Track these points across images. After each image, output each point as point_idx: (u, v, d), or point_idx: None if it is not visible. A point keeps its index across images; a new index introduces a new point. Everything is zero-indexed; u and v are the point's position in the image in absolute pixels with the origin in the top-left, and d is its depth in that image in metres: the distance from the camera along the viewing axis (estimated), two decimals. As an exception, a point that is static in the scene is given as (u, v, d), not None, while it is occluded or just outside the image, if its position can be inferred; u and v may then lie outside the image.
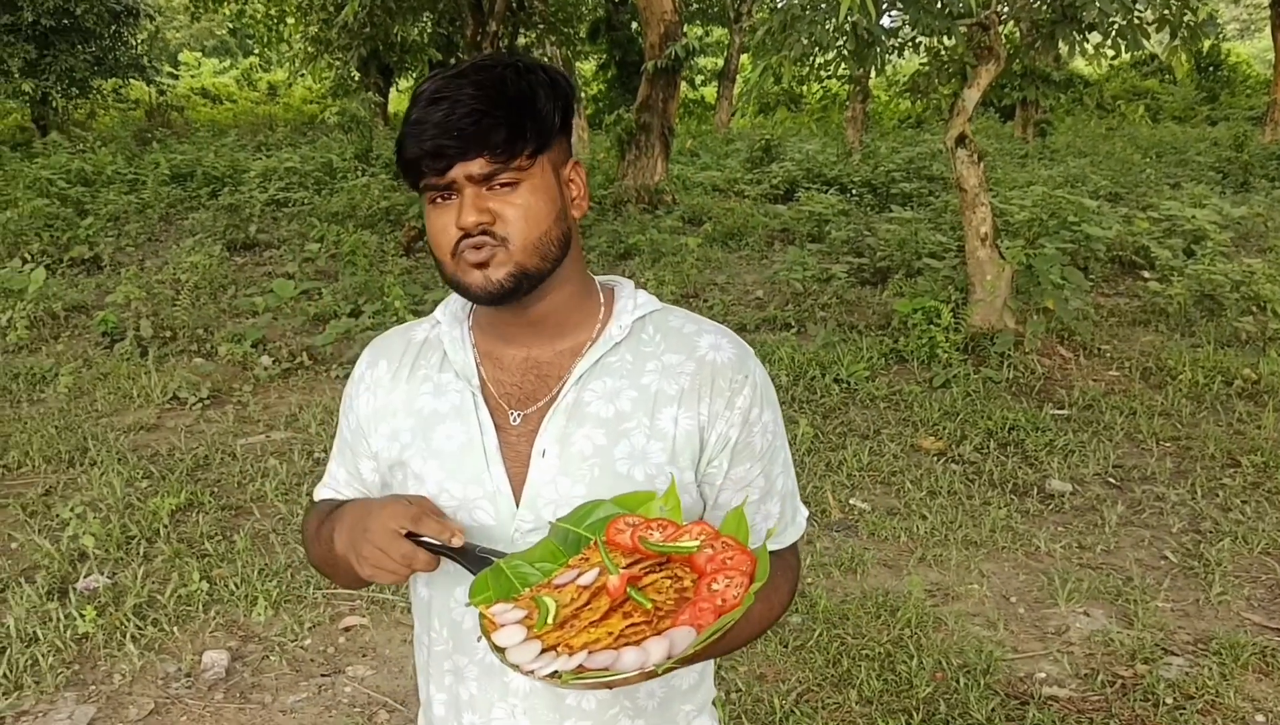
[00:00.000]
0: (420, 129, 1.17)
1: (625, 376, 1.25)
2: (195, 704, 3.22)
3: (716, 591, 1.02)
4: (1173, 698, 3.20)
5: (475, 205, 1.17)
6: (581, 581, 1.09)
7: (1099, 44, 6.90)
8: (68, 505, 4.34)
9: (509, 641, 1.03)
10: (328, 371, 6.35)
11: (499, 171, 1.17)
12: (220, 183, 12.73)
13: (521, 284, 1.20)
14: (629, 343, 1.27)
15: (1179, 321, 7.37)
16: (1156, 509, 4.56)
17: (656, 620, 1.02)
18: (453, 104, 1.16)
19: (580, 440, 1.22)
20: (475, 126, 1.15)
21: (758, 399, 1.26)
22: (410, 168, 1.20)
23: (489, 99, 1.16)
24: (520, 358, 1.29)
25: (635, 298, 1.31)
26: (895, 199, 12.08)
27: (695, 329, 1.29)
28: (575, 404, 1.24)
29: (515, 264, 1.19)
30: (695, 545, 1.08)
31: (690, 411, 1.24)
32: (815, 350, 6.56)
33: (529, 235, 1.19)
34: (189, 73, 30.84)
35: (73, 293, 7.90)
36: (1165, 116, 23.99)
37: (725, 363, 1.26)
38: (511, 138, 1.16)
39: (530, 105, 1.18)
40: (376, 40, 12.61)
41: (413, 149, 1.17)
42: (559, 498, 1.21)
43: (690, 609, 1.01)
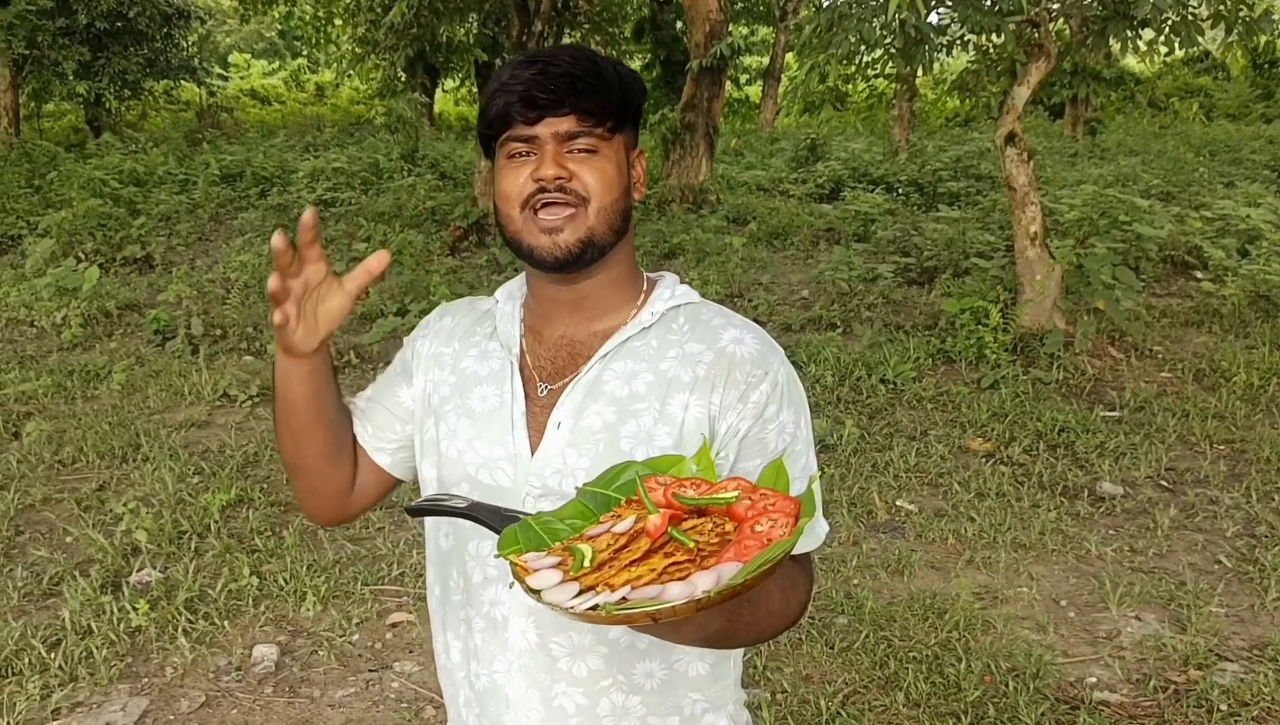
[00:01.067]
0: (514, 82, 1.23)
1: (646, 360, 1.29)
2: (245, 697, 3.26)
3: (761, 532, 0.99)
4: (1227, 704, 3.14)
5: (556, 160, 1.23)
6: (617, 529, 1.05)
7: (1152, 40, 6.79)
8: (121, 500, 4.42)
9: (545, 583, 0.99)
10: (374, 369, 6.41)
11: (583, 134, 1.23)
12: (269, 183, 12.89)
13: (587, 251, 1.26)
14: (657, 329, 1.32)
15: (1233, 322, 7.24)
16: (1210, 512, 4.48)
17: (700, 559, 0.98)
18: (548, 63, 1.23)
19: (592, 416, 1.27)
20: (570, 85, 1.22)
21: (776, 397, 1.26)
22: (498, 119, 1.25)
23: (584, 67, 1.24)
24: (558, 335, 1.34)
25: (674, 288, 1.36)
26: (942, 198, 11.97)
27: (723, 322, 1.32)
28: (595, 381, 1.28)
29: (588, 229, 1.24)
30: (733, 496, 1.05)
31: (702, 400, 1.25)
32: (861, 350, 6.52)
33: (604, 198, 1.25)
34: (238, 74, 31.26)
35: (125, 291, 8.03)
36: (1219, 114, 23.55)
37: (745, 356, 1.27)
38: (601, 105, 1.23)
39: (618, 84, 1.26)
40: (423, 41, 12.71)
41: (505, 97, 1.23)
42: (564, 468, 1.26)
43: (735, 547, 0.98)
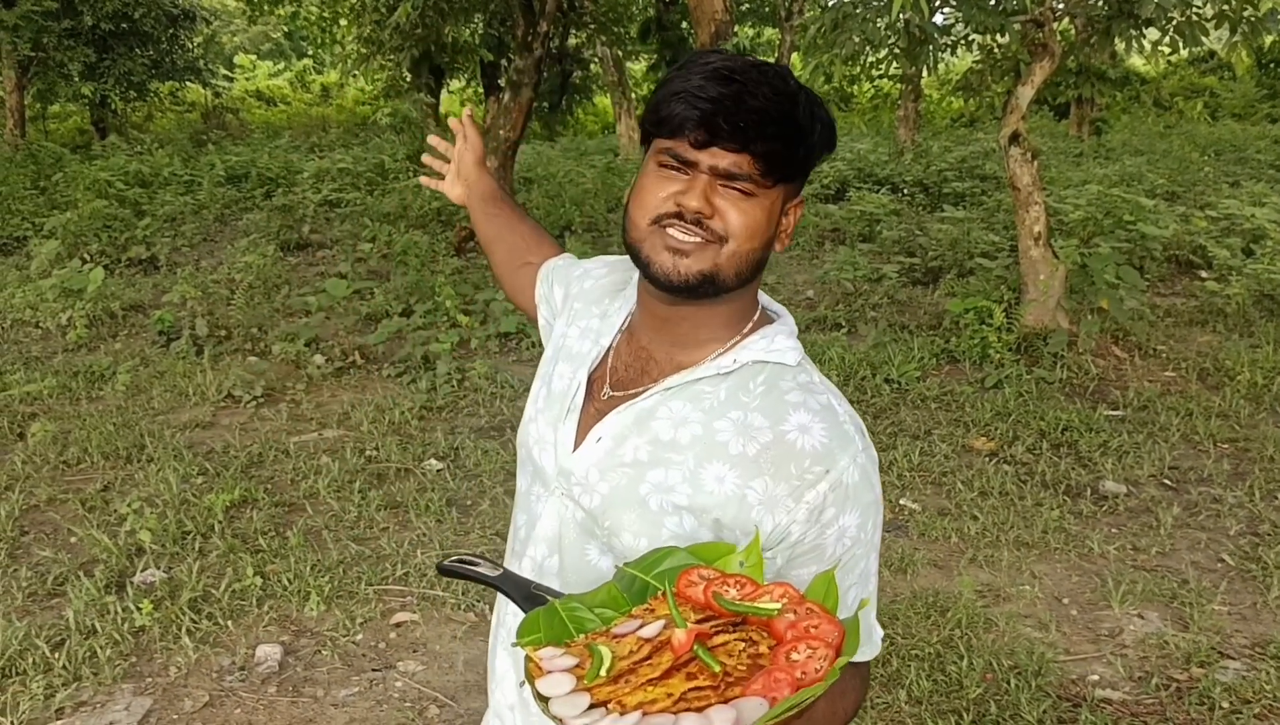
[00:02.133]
0: (702, 96, 1.11)
1: (705, 411, 1.19)
2: (249, 696, 3.27)
3: (796, 662, 0.91)
4: (1229, 702, 3.14)
5: (705, 194, 1.14)
6: (644, 633, 0.98)
7: (1156, 41, 6.78)
8: (125, 501, 4.43)
9: (554, 691, 0.93)
10: (379, 370, 6.42)
11: (744, 178, 1.14)
12: (274, 184, 12.91)
13: (705, 287, 1.17)
14: (732, 381, 1.21)
15: (1237, 322, 7.23)
16: (1213, 511, 4.48)
17: (724, 687, 0.91)
18: (744, 90, 1.11)
19: (629, 447, 1.21)
20: (757, 125, 1.11)
21: (838, 499, 1.13)
22: (664, 124, 1.15)
23: (779, 108, 1.12)
24: (641, 344, 1.28)
25: (774, 340, 1.24)
26: (947, 198, 11.97)
27: (799, 400, 1.18)
28: (647, 412, 1.22)
29: (714, 265, 1.16)
30: (776, 608, 0.97)
31: (740, 479, 1.15)
32: (866, 350, 6.52)
33: (742, 245, 1.16)
34: (244, 75, 31.31)
35: (130, 292, 8.05)
36: (1224, 114, 23.50)
37: (806, 449, 1.14)
38: (777, 157, 1.13)
39: (807, 136, 1.15)
40: (428, 41, 12.71)
41: (683, 108, 1.12)
42: (586, 483, 1.23)
43: (764, 677, 0.90)
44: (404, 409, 5.66)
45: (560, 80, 20.55)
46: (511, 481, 4.79)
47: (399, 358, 6.52)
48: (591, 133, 22.93)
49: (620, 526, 1.19)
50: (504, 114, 10.13)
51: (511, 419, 5.58)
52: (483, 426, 5.52)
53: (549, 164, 14.77)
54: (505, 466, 4.94)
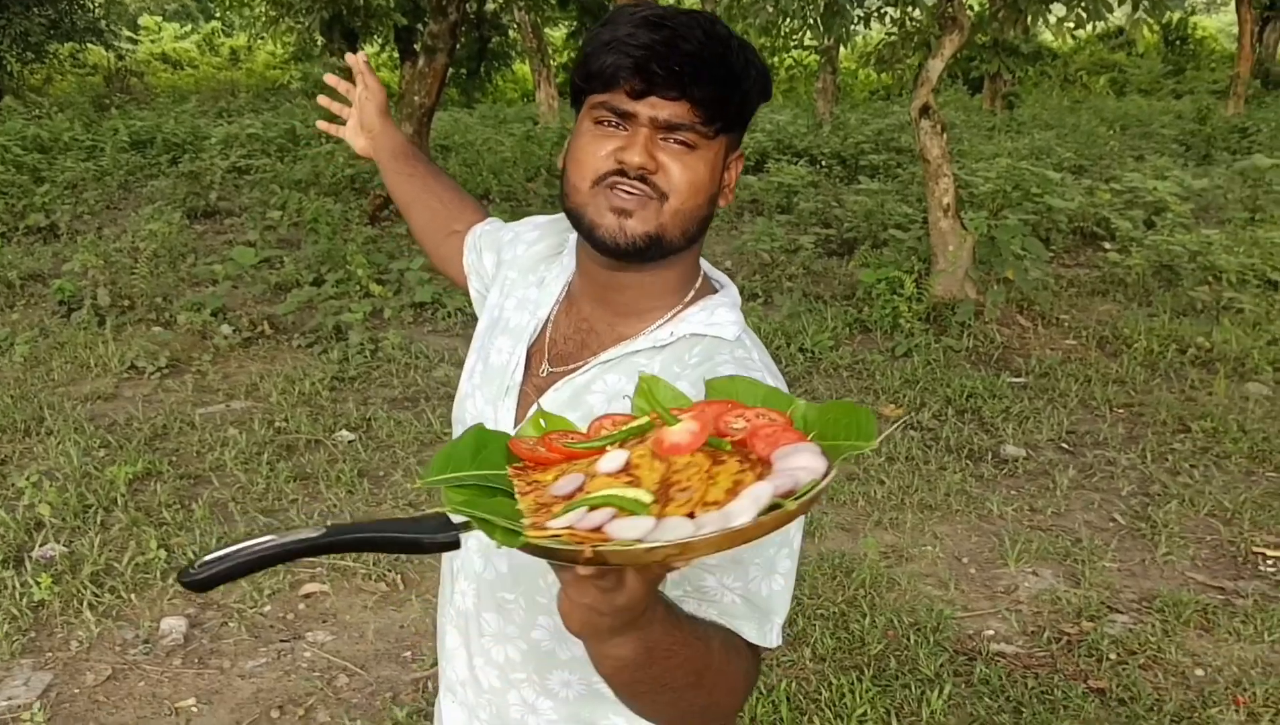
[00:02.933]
0: (630, 42, 1.07)
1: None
2: (153, 669, 3.23)
3: (747, 428, 0.81)
4: (1116, 653, 3.28)
5: (648, 148, 1.10)
6: (605, 469, 0.82)
7: (1063, 16, 6.93)
8: (24, 474, 4.32)
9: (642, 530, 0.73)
10: (289, 341, 6.32)
11: (686, 127, 1.10)
12: (181, 150, 12.56)
13: (651, 250, 1.14)
14: (668, 354, 1.18)
15: (1137, 291, 7.47)
16: (1107, 473, 4.65)
17: (753, 462, 0.79)
18: (677, 35, 1.07)
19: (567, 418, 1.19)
20: (693, 69, 1.07)
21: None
22: (599, 78, 1.10)
23: (713, 50, 1.08)
24: (582, 316, 1.25)
25: (714, 312, 1.20)
26: (864, 170, 12.11)
27: (729, 372, 1.11)
28: (583, 386, 1.19)
29: (659, 225, 1.12)
30: (645, 422, 0.87)
31: None
32: (781, 320, 6.60)
33: (686, 201, 1.12)
34: (149, 37, 30.31)
35: (29, 261, 7.79)
36: (1132, 89, 24.13)
37: None
38: (720, 101, 1.10)
39: (742, 81, 1.11)
40: (340, 3, 12.43)
41: (615, 57, 1.08)
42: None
43: (755, 440, 0.80)
44: (315, 380, 5.58)
45: (478, 46, 20.29)
46: (425, 452, 4.76)
47: (309, 328, 6.42)
48: (510, 100, 22.71)
49: None
50: (419, 79, 9.97)
51: (425, 389, 5.55)
52: (396, 397, 5.48)
53: (466, 131, 14.60)
54: (418, 437, 4.91)
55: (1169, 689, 3.14)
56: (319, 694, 3.13)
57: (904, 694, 3.09)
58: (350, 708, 3.08)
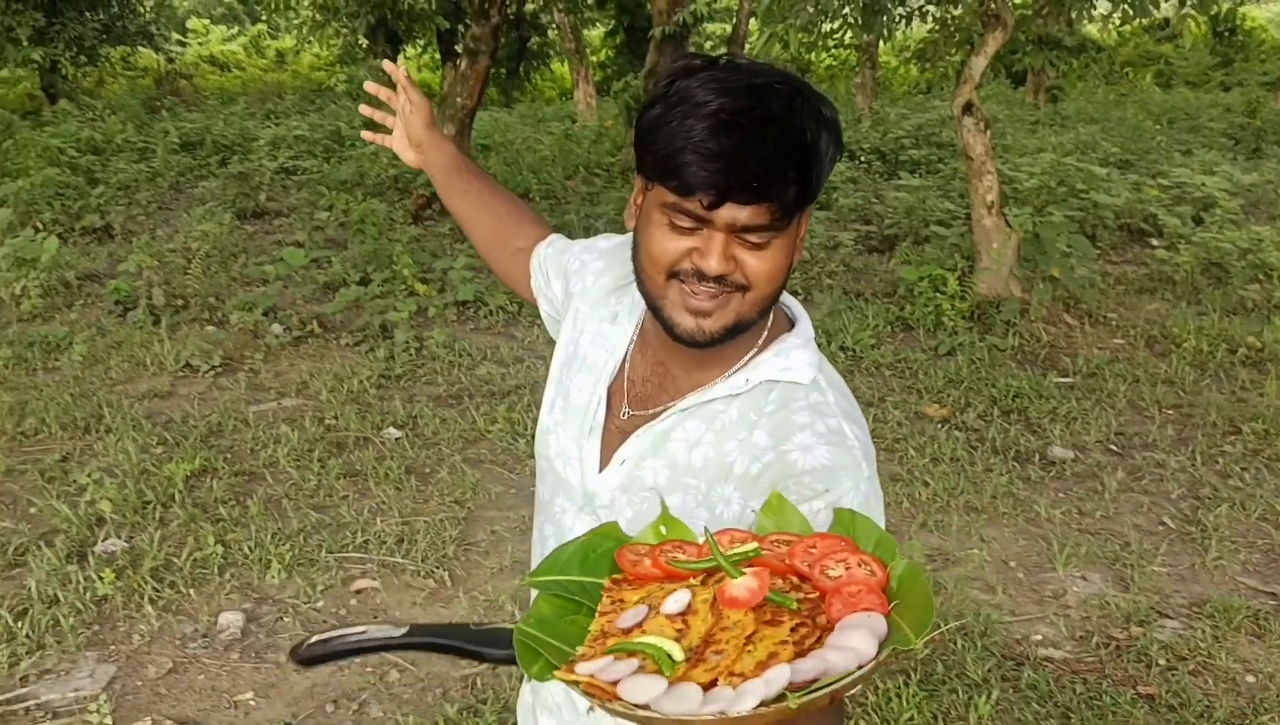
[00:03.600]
0: (706, 152, 1.03)
1: (717, 432, 1.17)
2: (212, 663, 3.31)
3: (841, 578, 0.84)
4: (1166, 659, 3.27)
5: (726, 252, 1.07)
6: (667, 609, 0.87)
7: (1108, 13, 6.87)
8: (85, 471, 4.43)
9: (650, 694, 0.78)
10: (337, 339, 6.42)
11: (764, 228, 1.07)
12: (230, 151, 12.75)
13: (730, 337, 1.13)
14: (744, 401, 1.18)
15: (1185, 289, 7.39)
16: (1156, 475, 4.62)
17: (811, 621, 0.83)
18: (750, 139, 1.03)
19: (649, 469, 1.20)
20: (770, 175, 1.04)
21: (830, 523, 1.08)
22: (669, 175, 1.06)
23: (791, 149, 1.04)
24: (657, 360, 1.24)
25: (789, 356, 1.19)
26: (904, 166, 12.05)
27: (806, 422, 1.14)
28: (664, 434, 1.20)
29: (738, 316, 1.11)
30: (754, 546, 0.91)
31: (743, 499, 1.14)
32: (821, 318, 6.60)
33: (765, 290, 1.11)
34: (197, 40, 30.73)
35: (85, 261, 7.96)
36: (1179, 82, 23.77)
37: (806, 467, 1.10)
38: (798, 199, 1.07)
39: (820, 160, 1.07)
40: (384, 7, 12.56)
41: (691, 168, 1.03)
42: (612, 505, 1.23)
43: (836, 598, 0.82)
44: (362, 378, 5.67)
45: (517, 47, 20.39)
46: (470, 449, 4.83)
47: (357, 326, 6.52)
48: (549, 99, 22.79)
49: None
50: (461, 81, 10.06)
51: (469, 387, 5.61)
52: (440, 395, 5.55)
53: (506, 131, 14.68)
54: (463, 434, 4.98)
55: (1219, 696, 3.13)
56: (372, 689, 3.20)
57: (951, 699, 3.10)
58: (402, 703, 3.14)
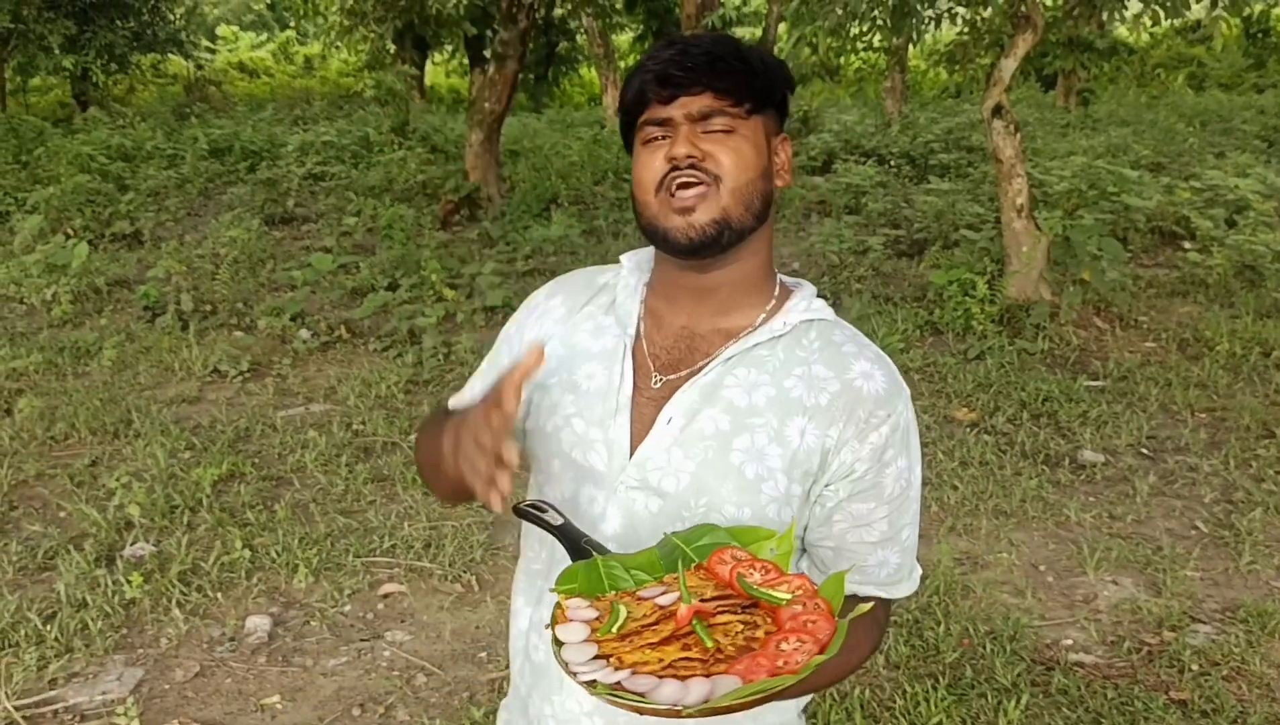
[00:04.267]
0: (651, 61, 1.22)
1: (770, 373, 1.24)
2: (239, 666, 3.32)
3: (783, 652, 0.98)
4: (1198, 664, 3.22)
5: (689, 139, 1.20)
6: (661, 600, 1.07)
7: (1138, 13, 6.80)
8: (114, 475, 4.46)
9: (569, 638, 1.03)
10: (365, 344, 6.45)
11: (718, 113, 1.20)
12: (258, 157, 12.86)
13: (723, 234, 1.21)
14: (787, 341, 1.26)
15: (1218, 292, 7.29)
16: (1189, 479, 4.55)
17: (712, 662, 0.98)
18: (687, 45, 1.22)
19: (706, 419, 1.23)
20: (708, 64, 1.19)
21: (896, 441, 1.23)
22: (634, 100, 1.23)
23: (725, 49, 1.22)
24: (679, 325, 1.29)
25: (810, 301, 1.30)
26: (934, 170, 11.99)
27: (855, 351, 1.26)
28: (714, 383, 1.24)
29: (721, 209, 1.20)
30: (787, 598, 1.04)
31: (819, 429, 1.22)
32: (850, 322, 6.52)
33: (739, 177, 1.20)
34: (226, 47, 31.05)
35: (115, 267, 8.04)
36: (1211, 84, 23.53)
37: (871, 394, 1.22)
38: (739, 85, 1.20)
39: (757, 65, 1.23)
40: (411, 13, 12.64)
41: (640, 77, 1.22)
42: (668, 466, 1.23)
43: (749, 660, 0.97)
44: (390, 383, 5.69)
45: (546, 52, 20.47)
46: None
47: (385, 332, 6.54)
48: (578, 104, 22.84)
49: (720, 500, 1.21)
50: (489, 86, 10.10)
51: (497, 392, 5.61)
52: (469, 400, 5.55)
53: (535, 136, 14.74)
54: (491, 439, 4.97)
55: (1253, 701, 3.07)
56: (398, 693, 3.20)
57: (980, 703, 3.07)
58: (429, 707, 3.14)
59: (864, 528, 1.25)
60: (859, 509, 1.24)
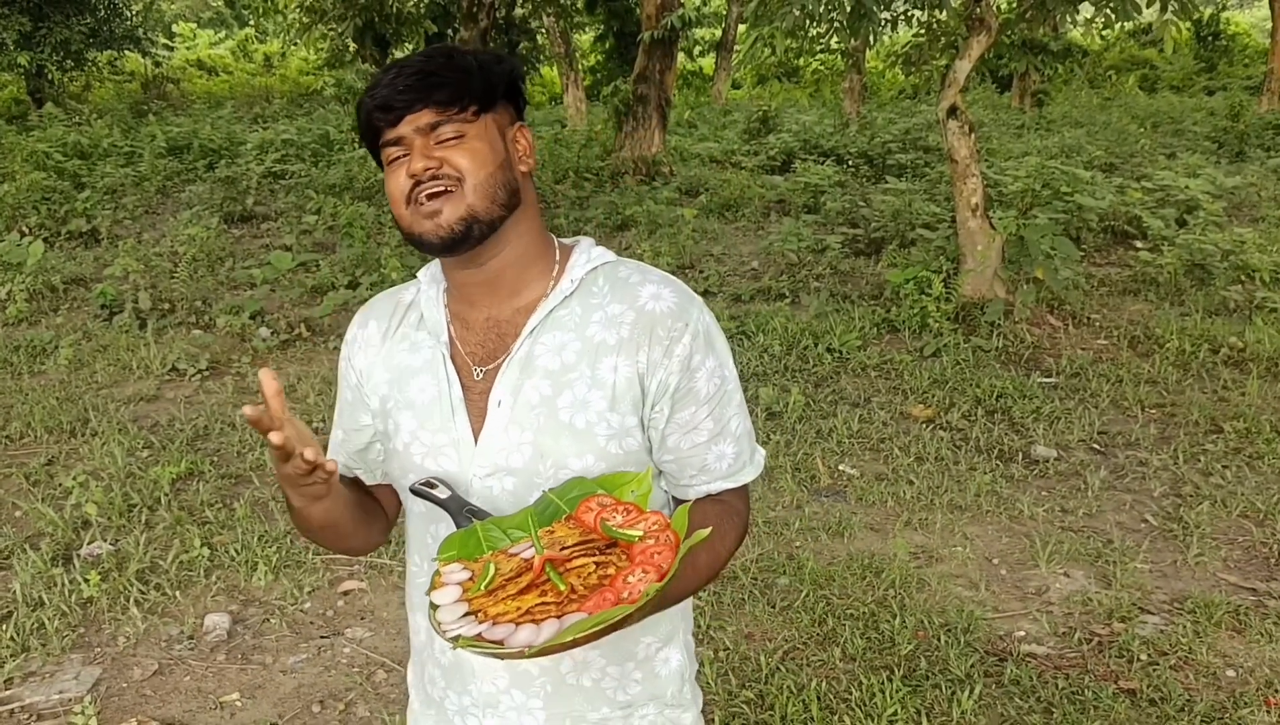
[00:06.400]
0: (372, 92, 1.30)
1: (572, 329, 1.33)
2: (198, 665, 3.31)
3: (629, 584, 1.06)
4: (1147, 654, 3.29)
5: (424, 152, 1.28)
6: (525, 554, 1.15)
7: (1090, 17, 6.92)
8: (70, 474, 4.43)
9: (443, 600, 1.11)
10: (325, 343, 6.42)
11: (443, 123, 1.28)
12: (217, 155, 12.74)
13: (472, 229, 1.29)
14: (579, 295, 1.35)
15: (1169, 291, 7.44)
16: (1139, 474, 4.65)
17: (566, 603, 1.07)
18: (400, 68, 1.30)
19: (529, 391, 1.32)
20: (421, 82, 1.27)
21: (700, 346, 1.32)
22: (366, 130, 1.32)
23: (434, 63, 1.29)
24: (483, 318, 1.37)
25: (589, 252, 1.39)
26: (891, 170, 12.11)
27: (640, 279, 1.35)
28: (527, 357, 1.33)
29: (467, 207, 1.28)
30: (638, 534, 1.13)
31: (629, 359, 1.31)
32: (808, 320, 6.63)
33: (478, 174, 1.28)
34: (185, 44, 30.69)
35: (71, 266, 7.95)
36: (1163, 86, 23.92)
37: (664, 312, 1.32)
38: (455, 94, 1.28)
39: (473, 70, 1.30)
40: (372, 11, 12.58)
41: (366, 108, 1.30)
42: (509, 444, 1.31)
43: (596, 596, 1.06)
44: (351, 381, 5.67)
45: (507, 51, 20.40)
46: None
47: (345, 330, 6.50)
48: (539, 103, 22.80)
49: (563, 456, 1.30)
50: (450, 85, 10.07)
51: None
52: (430, 398, 5.55)
53: (496, 135, 14.69)
54: (452, 437, 4.98)
55: (1200, 690, 3.15)
56: (358, 689, 3.20)
57: (934, 694, 3.12)
58: (389, 703, 3.15)
59: (693, 432, 1.34)
60: (683, 417, 1.32)
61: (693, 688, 1.49)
